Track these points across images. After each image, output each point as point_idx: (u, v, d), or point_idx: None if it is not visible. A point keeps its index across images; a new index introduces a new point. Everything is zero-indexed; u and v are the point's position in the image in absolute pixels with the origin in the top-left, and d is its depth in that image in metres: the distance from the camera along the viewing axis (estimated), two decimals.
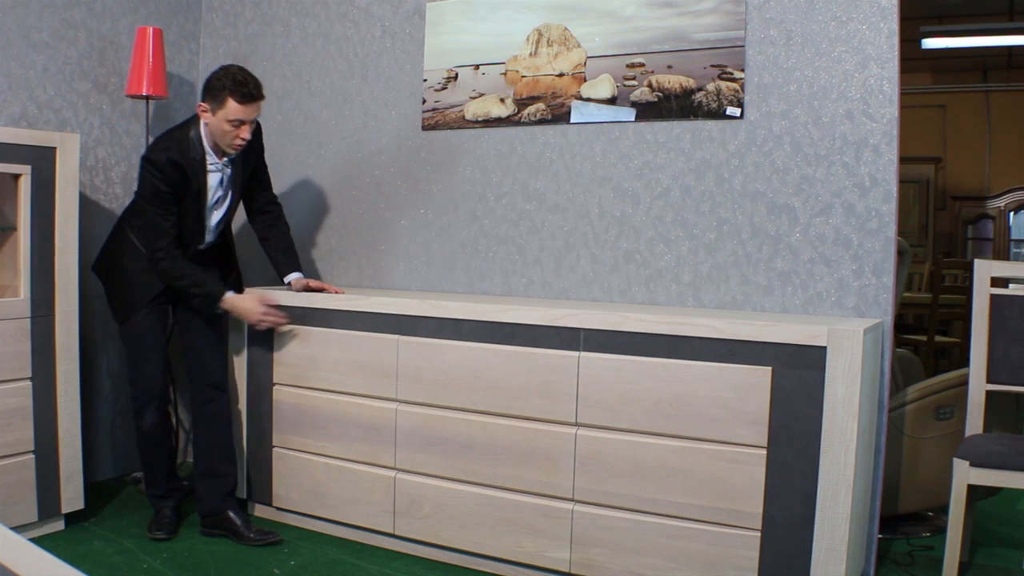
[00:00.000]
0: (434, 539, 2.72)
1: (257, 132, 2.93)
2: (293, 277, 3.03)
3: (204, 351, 2.91)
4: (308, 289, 2.99)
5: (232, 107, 2.65)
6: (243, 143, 2.74)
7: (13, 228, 2.73)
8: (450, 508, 2.68)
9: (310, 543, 2.87)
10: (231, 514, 2.86)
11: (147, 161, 2.68)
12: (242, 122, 2.68)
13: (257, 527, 2.89)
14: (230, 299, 2.80)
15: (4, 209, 2.76)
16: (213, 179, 2.81)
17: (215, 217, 2.88)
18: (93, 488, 3.22)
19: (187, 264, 2.77)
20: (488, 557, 2.66)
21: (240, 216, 3.07)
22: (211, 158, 2.78)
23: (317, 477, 2.92)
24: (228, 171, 2.85)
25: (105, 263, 2.91)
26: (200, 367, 2.91)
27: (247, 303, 2.82)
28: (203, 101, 2.71)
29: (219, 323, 2.95)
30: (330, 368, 2.88)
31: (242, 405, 3.09)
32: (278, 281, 3.10)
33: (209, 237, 2.91)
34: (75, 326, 2.85)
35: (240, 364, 3.09)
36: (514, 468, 2.57)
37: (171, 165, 2.67)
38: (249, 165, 2.93)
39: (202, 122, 2.73)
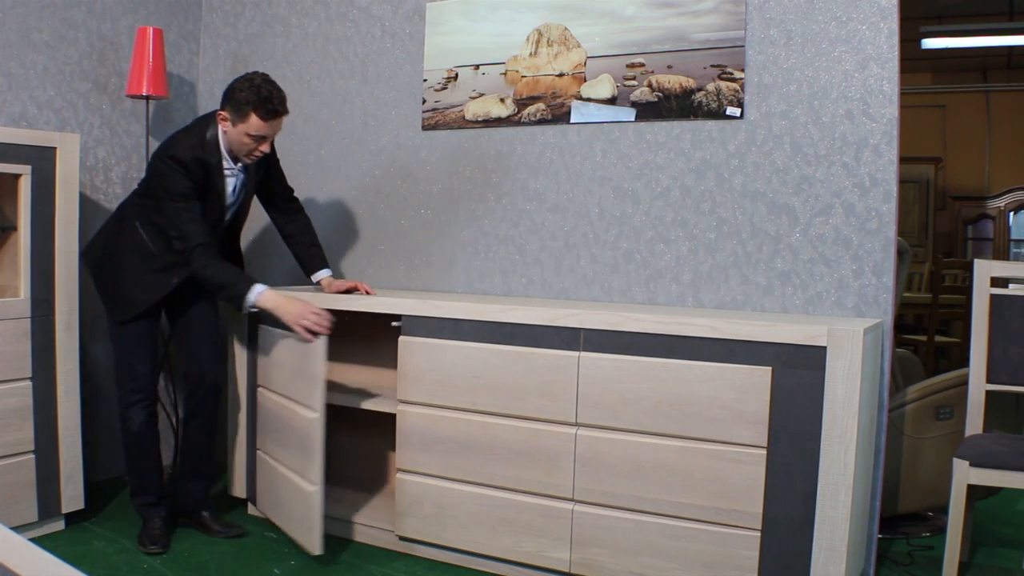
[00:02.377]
0: (434, 539, 2.72)
1: None
2: (322, 276, 2.97)
3: (201, 354, 2.86)
4: (342, 291, 2.90)
5: (254, 123, 2.58)
6: (262, 155, 2.69)
7: (13, 228, 2.73)
8: (450, 508, 2.68)
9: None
10: (204, 513, 2.93)
11: (173, 159, 2.59)
12: (264, 138, 2.63)
13: (224, 520, 2.93)
14: (269, 295, 2.61)
15: (4, 209, 2.76)
16: (229, 184, 2.76)
17: (227, 218, 2.84)
18: (93, 488, 3.22)
19: (222, 260, 2.69)
20: (488, 557, 2.66)
21: (258, 219, 3.04)
22: (227, 163, 2.73)
23: None
24: (242, 176, 2.80)
25: (108, 258, 2.80)
26: (196, 370, 2.86)
27: (292, 303, 2.58)
28: (223, 110, 2.63)
29: (214, 324, 2.91)
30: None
31: (242, 406, 3.09)
32: (301, 280, 3.05)
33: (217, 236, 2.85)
34: (75, 326, 2.85)
35: (241, 365, 3.09)
36: (514, 468, 2.57)
37: (196, 163, 2.62)
38: (261, 168, 2.88)
39: (220, 128, 2.67)
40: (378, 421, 3.19)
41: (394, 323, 2.75)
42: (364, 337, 3.23)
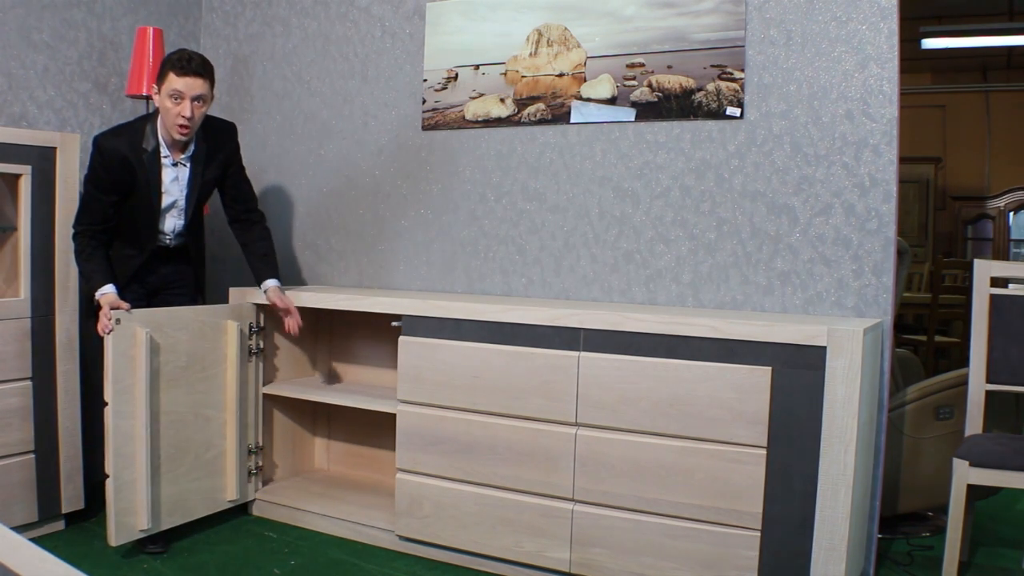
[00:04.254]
0: (434, 539, 2.72)
1: (231, 135, 2.91)
2: (269, 284, 2.94)
3: None
4: (275, 306, 2.92)
5: (171, 79, 2.62)
6: (185, 123, 2.65)
7: (13, 228, 2.73)
8: (450, 508, 2.68)
9: (310, 543, 2.87)
10: None
11: (95, 142, 2.67)
12: (181, 96, 2.63)
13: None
14: (100, 297, 2.64)
15: (4, 209, 2.76)
16: (167, 175, 2.75)
17: (171, 221, 2.82)
18: (93, 488, 3.22)
19: (93, 253, 2.69)
20: (488, 557, 2.66)
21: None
22: (165, 151, 2.74)
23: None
24: (187, 170, 2.79)
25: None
26: None
27: (106, 301, 2.61)
28: (152, 84, 2.73)
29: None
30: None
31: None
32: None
33: (168, 240, 2.85)
34: (75, 326, 2.85)
35: None
36: (514, 468, 2.57)
37: (114, 153, 2.65)
38: (214, 170, 2.85)
39: (158, 108, 2.71)
40: (378, 421, 3.19)
41: (394, 323, 2.75)
42: (364, 337, 3.24)
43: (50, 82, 3.20)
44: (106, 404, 2.55)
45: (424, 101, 3.26)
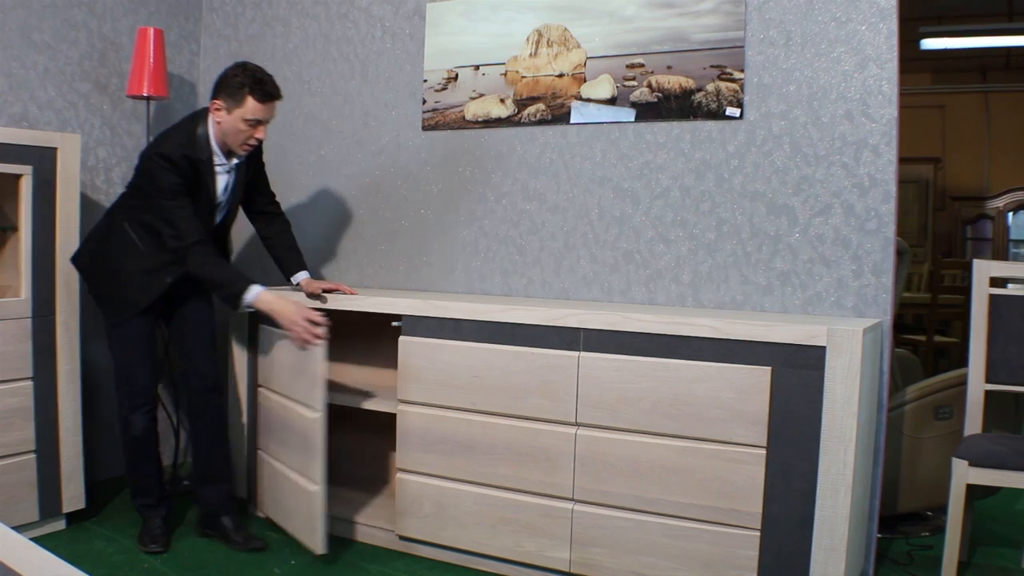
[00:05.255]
0: (434, 539, 2.73)
1: None
2: (301, 277, 2.93)
3: (197, 354, 2.83)
4: (318, 294, 2.86)
5: (251, 106, 2.58)
6: (255, 144, 2.67)
7: (14, 228, 2.73)
8: (450, 508, 2.68)
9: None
10: (224, 519, 2.82)
11: (160, 157, 2.57)
12: (259, 122, 2.62)
13: (246, 532, 2.83)
14: (265, 297, 2.61)
15: (5, 209, 2.76)
16: (220, 182, 2.74)
17: (217, 218, 2.83)
18: (94, 488, 3.22)
19: (217, 259, 2.68)
20: (488, 557, 2.66)
21: (244, 225, 3.05)
22: (219, 159, 2.70)
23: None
24: (232, 176, 2.77)
25: (99, 261, 2.77)
26: (194, 370, 2.83)
27: (287, 305, 2.59)
28: (217, 98, 2.61)
29: (210, 324, 2.88)
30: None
31: (242, 406, 3.10)
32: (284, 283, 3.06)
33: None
34: (76, 326, 2.85)
35: (241, 364, 3.10)
36: (514, 468, 2.57)
37: (185, 161, 2.59)
38: (251, 171, 2.86)
39: (211, 120, 2.65)
40: (378, 421, 3.19)
41: (394, 323, 2.76)
42: (364, 337, 3.24)
43: (51, 82, 3.20)
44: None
45: (424, 101, 3.26)
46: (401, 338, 2.74)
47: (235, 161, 2.75)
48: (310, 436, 2.63)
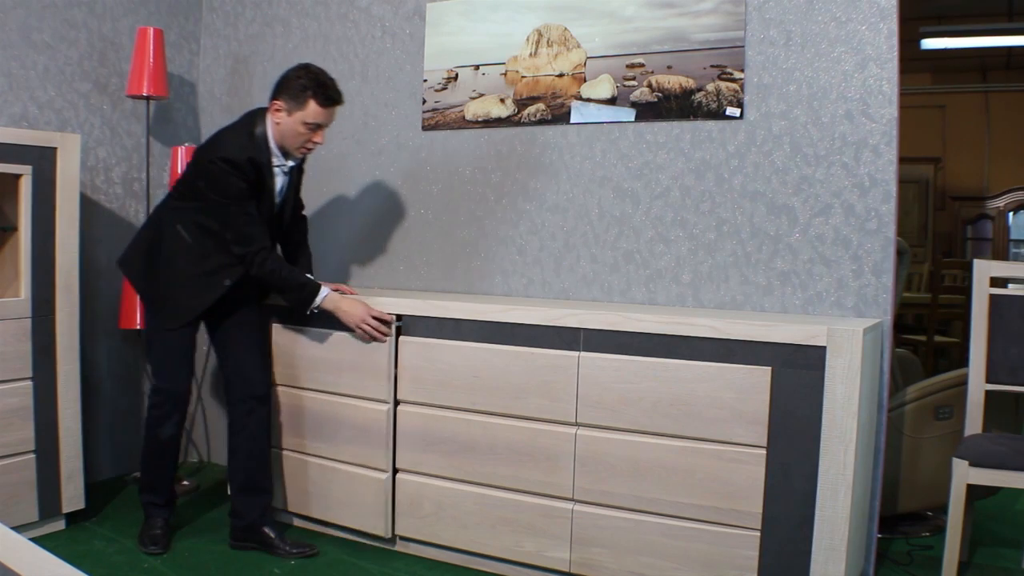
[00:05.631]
0: (434, 539, 2.73)
1: None
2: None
3: (246, 362, 2.78)
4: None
5: (312, 109, 2.55)
6: (313, 148, 2.65)
7: (14, 228, 2.73)
8: (450, 508, 2.68)
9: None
10: (267, 529, 2.77)
11: (225, 161, 2.51)
12: (319, 126, 2.60)
13: (292, 539, 2.80)
14: (332, 297, 2.68)
15: (5, 209, 2.76)
16: (278, 182, 2.70)
17: (280, 224, 2.81)
18: (94, 488, 3.22)
19: (284, 264, 2.67)
20: (488, 557, 2.66)
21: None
22: (277, 160, 2.67)
23: (313, 478, 2.93)
24: (288, 178, 2.75)
25: (151, 265, 2.71)
26: (242, 378, 2.78)
27: (355, 305, 2.67)
28: (278, 99, 2.58)
29: (260, 332, 2.86)
30: (325, 368, 2.87)
31: None
32: (342, 281, 3.04)
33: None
34: (76, 326, 2.85)
35: None
36: (514, 468, 2.57)
37: (250, 163, 2.55)
38: (300, 173, 2.86)
39: (270, 121, 2.61)
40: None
41: (394, 323, 2.76)
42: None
43: (51, 82, 3.20)
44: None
45: (424, 101, 3.26)
46: (401, 338, 2.74)
47: (291, 163, 2.72)
48: (374, 428, 2.76)
